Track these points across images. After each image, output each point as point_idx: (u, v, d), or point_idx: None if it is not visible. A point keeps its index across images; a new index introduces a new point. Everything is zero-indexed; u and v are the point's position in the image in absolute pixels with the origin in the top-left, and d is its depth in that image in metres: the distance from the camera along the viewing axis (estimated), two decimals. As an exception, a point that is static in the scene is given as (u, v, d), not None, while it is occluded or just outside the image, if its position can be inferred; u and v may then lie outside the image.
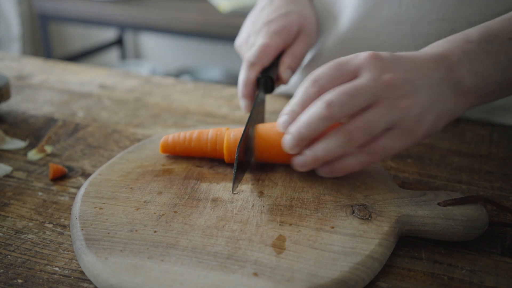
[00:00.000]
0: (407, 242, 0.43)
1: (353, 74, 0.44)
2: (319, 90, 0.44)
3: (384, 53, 0.45)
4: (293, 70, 0.62)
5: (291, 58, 0.62)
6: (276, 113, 0.70)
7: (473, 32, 0.47)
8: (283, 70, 0.61)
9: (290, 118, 0.45)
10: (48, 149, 0.58)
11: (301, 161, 0.45)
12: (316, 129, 0.43)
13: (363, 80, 0.43)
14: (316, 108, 0.43)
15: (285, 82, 0.62)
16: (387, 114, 0.42)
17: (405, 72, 0.43)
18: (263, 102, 0.60)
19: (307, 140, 0.44)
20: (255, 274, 0.36)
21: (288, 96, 0.78)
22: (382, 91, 0.42)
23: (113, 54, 2.96)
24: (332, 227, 0.41)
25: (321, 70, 0.45)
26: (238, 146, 0.46)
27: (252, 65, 0.59)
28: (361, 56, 0.44)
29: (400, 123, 0.42)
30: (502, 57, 0.46)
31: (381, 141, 0.43)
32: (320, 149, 0.43)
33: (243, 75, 0.60)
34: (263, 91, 0.59)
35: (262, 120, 0.58)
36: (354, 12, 0.67)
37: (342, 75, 0.44)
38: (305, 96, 0.45)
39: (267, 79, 0.59)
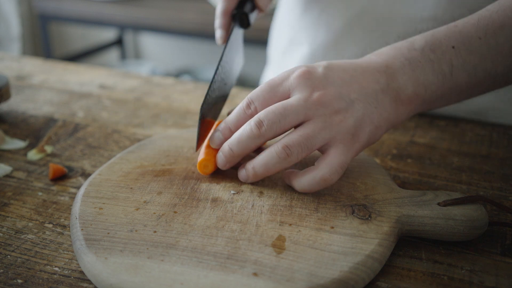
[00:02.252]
0: (407, 242, 0.43)
1: (286, 95, 0.45)
2: (253, 112, 0.45)
3: (318, 69, 0.45)
4: None
5: None
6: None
7: (418, 39, 0.47)
8: None
9: (223, 135, 0.47)
10: (48, 149, 0.58)
11: (243, 176, 0.46)
12: (246, 147, 0.45)
13: (292, 99, 0.43)
14: (246, 126, 0.44)
15: (263, 9, 0.64)
16: (322, 129, 0.42)
17: (338, 87, 0.44)
18: (240, 37, 0.62)
19: (238, 158, 0.46)
20: (255, 274, 0.36)
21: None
22: (313, 109, 0.43)
23: (113, 54, 2.96)
24: (332, 227, 0.41)
25: (255, 91, 0.46)
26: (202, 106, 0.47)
27: None
28: (293, 76, 0.44)
29: (336, 137, 0.43)
30: (444, 65, 0.46)
31: (332, 156, 0.43)
32: (258, 165, 0.44)
33: (220, 6, 0.62)
34: (238, 25, 0.62)
35: (235, 58, 0.60)
36: (349, 8, 0.68)
37: (275, 96, 0.45)
38: (239, 116, 0.46)
39: (242, 14, 0.61)
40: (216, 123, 0.52)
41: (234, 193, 0.46)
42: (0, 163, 0.55)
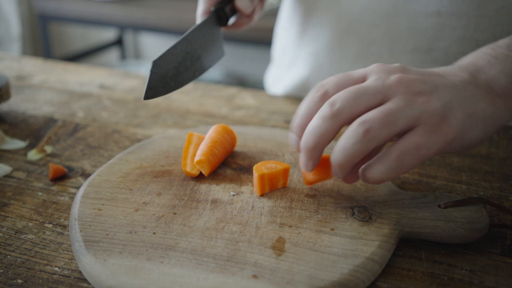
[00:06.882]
0: (407, 242, 0.43)
1: (361, 80, 0.42)
2: (324, 94, 0.41)
3: (394, 64, 0.42)
4: None
5: None
6: (276, 113, 0.70)
7: (501, 41, 0.46)
8: None
9: (298, 136, 0.43)
10: (48, 149, 0.58)
11: (333, 172, 0.41)
12: (320, 134, 0.40)
13: (369, 81, 0.41)
14: (318, 111, 0.40)
15: (243, 11, 0.63)
16: (405, 106, 0.38)
17: (418, 75, 0.41)
18: (217, 31, 0.62)
19: (319, 151, 0.41)
20: (255, 276, 0.36)
21: (288, 97, 0.78)
22: (392, 89, 0.39)
23: (113, 54, 2.96)
24: (332, 229, 0.41)
25: (327, 78, 0.42)
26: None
27: None
28: (369, 67, 0.42)
29: (423, 118, 0.38)
30: None
31: (408, 138, 0.38)
32: (336, 153, 0.39)
33: (200, 8, 0.63)
34: (216, 22, 0.62)
35: (205, 45, 0.60)
36: (354, 5, 0.68)
37: (350, 80, 0.42)
38: (308, 104, 0.42)
39: (219, 10, 0.62)
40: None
41: (234, 195, 0.46)
42: (0, 163, 0.55)
